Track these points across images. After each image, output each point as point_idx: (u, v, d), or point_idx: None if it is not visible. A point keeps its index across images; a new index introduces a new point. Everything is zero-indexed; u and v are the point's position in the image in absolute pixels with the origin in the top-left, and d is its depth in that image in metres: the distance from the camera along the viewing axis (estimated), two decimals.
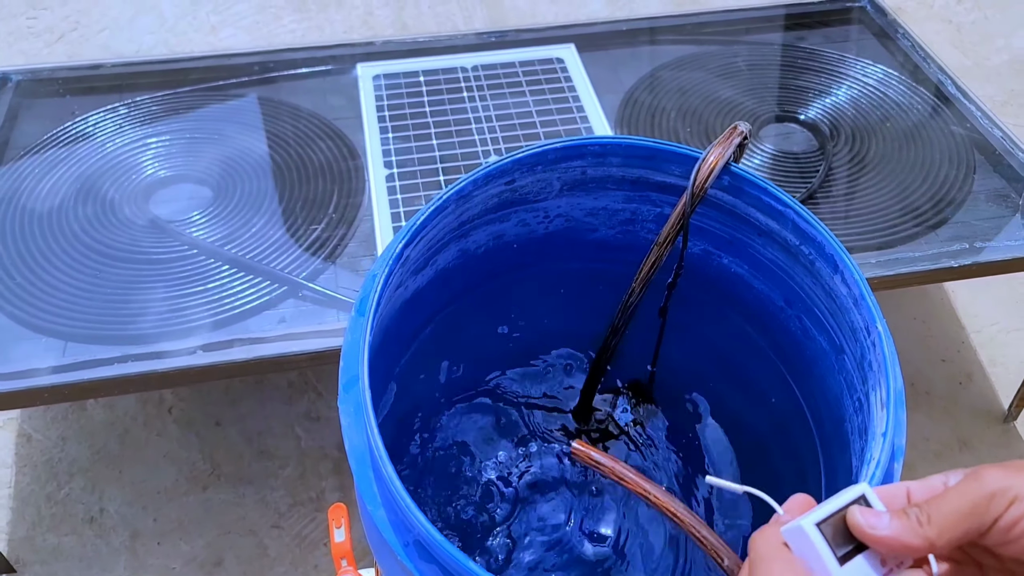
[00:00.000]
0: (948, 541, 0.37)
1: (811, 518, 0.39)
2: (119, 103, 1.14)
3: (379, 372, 0.61)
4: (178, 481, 1.07)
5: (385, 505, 0.48)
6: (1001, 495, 0.36)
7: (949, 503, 0.36)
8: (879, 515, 0.38)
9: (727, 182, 0.57)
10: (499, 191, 0.58)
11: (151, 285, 0.92)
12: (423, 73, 1.19)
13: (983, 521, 0.36)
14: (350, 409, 0.50)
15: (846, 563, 0.39)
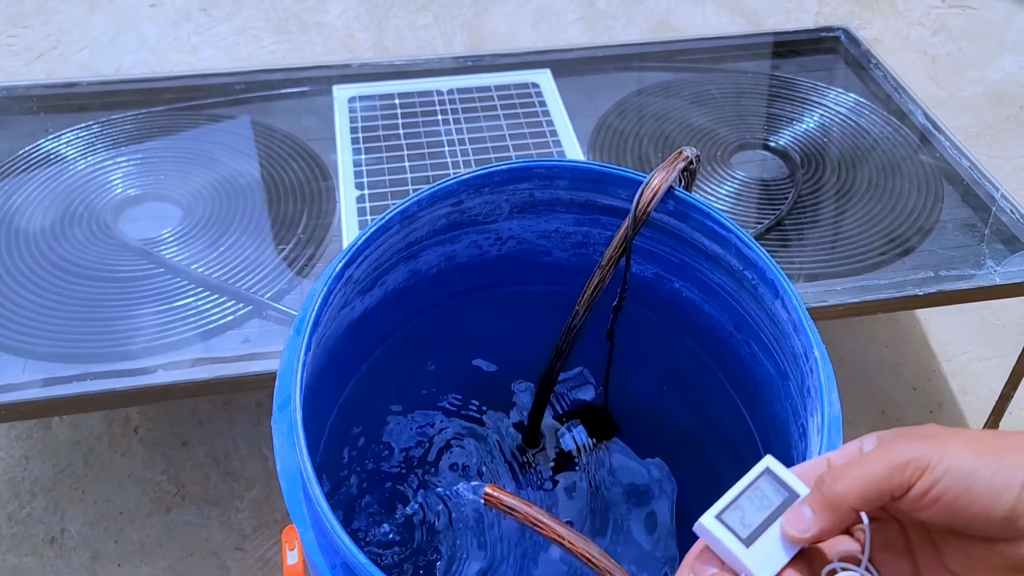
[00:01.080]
0: (861, 507, 0.38)
1: (713, 511, 0.40)
2: (93, 121, 1.14)
3: (325, 392, 0.61)
4: (142, 502, 1.06)
5: (314, 527, 0.47)
6: (915, 464, 0.37)
7: (864, 470, 0.38)
8: (803, 518, 0.39)
9: (672, 207, 0.57)
10: (447, 212, 0.58)
11: (114, 303, 0.92)
12: (398, 96, 1.19)
13: (895, 489, 0.37)
14: (283, 429, 0.49)
15: (754, 543, 0.39)
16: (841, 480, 0.38)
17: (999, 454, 0.37)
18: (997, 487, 0.36)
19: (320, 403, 0.59)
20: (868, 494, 0.38)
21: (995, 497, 0.36)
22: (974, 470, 0.36)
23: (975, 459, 0.36)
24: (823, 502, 0.39)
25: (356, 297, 0.59)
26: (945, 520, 0.37)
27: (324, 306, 0.51)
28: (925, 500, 0.37)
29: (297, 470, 0.48)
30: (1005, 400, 1.07)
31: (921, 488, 0.37)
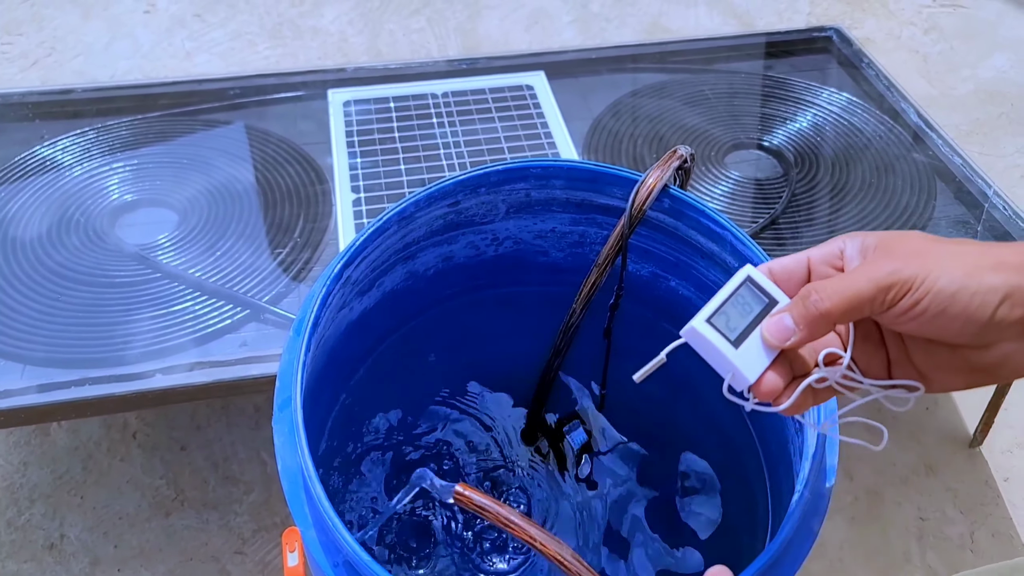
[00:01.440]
0: (843, 322, 0.41)
1: (702, 316, 0.43)
2: (89, 128, 1.14)
3: (325, 393, 0.61)
4: (141, 507, 1.06)
5: (316, 526, 0.47)
6: (899, 286, 0.39)
7: (849, 288, 0.40)
8: (784, 328, 0.41)
9: (668, 205, 0.57)
10: (444, 213, 0.59)
11: (112, 309, 0.92)
12: (393, 99, 1.20)
13: (878, 308, 0.40)
14: (284, 429, 0.50)
15: (742, 344, 0.42)
16: (828, 299, 0.40)
17: (979, 274, 0.38)
18: (973, 307, 0.38)
19: (320, 404, 0.60)
20: (851, 312, 0.40)
21: (970, 316, 0.38)
22: (955, 292, 0.38)
23: (957, 281, 0.38)
24: (806, 317, 0.41)
25: (354, 298, 0.59)
26: (920, 332, 0.40)
27: (323, 307, 0.51)
28: (905, 317, 0.39)
29: (298, 469, 0.48)
30: (1000, 396, 1.08)
31: (902, 307, 0.39)
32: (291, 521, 0.48)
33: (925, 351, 0.41)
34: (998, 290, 0.38)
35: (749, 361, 0.42)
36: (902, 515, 1.08)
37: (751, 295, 0.44)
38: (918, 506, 1.08)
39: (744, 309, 0.43)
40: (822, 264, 0.44)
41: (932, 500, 1.09)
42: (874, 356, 0.43)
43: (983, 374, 0.40)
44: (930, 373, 0.42)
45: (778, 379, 0.42)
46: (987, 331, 0.39)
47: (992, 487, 1.10)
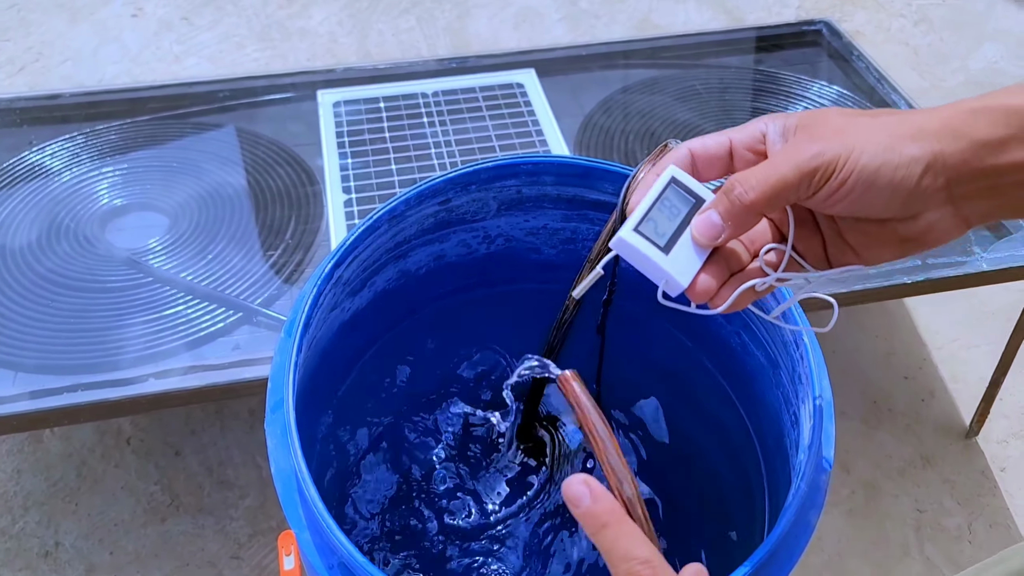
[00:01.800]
0: (769, 212, 0.41)
1: (629, 224, 0.42)
2: (77, 132, 1.14)
3: (318, 395, 0.61)
4: (136, 513, 1.05)
5: (311, 528, 0.47)
6: (823, 170, 0.39)
7: (772, 176, 0.39)
8: (713, 225, 0.41)
9: None
10: (434, 211, 0.58)
11: (103, 314, 0.92)
12: (383, 99, 1.19)
13: (803, 193, 0.39)
14: (277, 431, 0.49)
15: (672, 248, 0.42)
16: (753, 190, 0.39)
17: (900, 146, 0.38)
18: (897, 181, 0.38)
19: (313, 406, 0.59)
20: (777, 201, 0.40)
21: (895, 190, 0.38)
22: (878, 168, 0.38)
23: (879, 156, 0.38)
24: (731, 211, 0.41)
25: (346, 298, 0.59)
26: (848, 211, 0.40)
27: (314, 307, 0.51)
28: (833, 199, 0.39)
29: (292, 472, 0.48)
30: (995, 386, 1.08)
31: (829, 190, 0.39)
32: (287, 524, 0.48)
33: (856, 228, 0.41)
34: (919, 160, 0.38)
35: (681, 265, 0.42)
36: (900, 507, 1.08)
37: (677, 197, 0.43)
38: (915, 498, 1.09)
39: (671, 212, 0.43)
40: (744, 148, 0.43)
41: (929, 492, 1.09)
42: (810, 240, 0.43)
43: (912, 244, 0.41)
44: (862, 249, 0.42)
45: (711, 280, 0.42)
46: (912, 202, 0.39)
47: (989, 477, 1.10)
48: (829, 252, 0.43)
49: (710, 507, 0.70)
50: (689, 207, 0.43)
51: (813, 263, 0.43)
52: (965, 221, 0.40)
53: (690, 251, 0.42)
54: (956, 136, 0.38)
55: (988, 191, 0.39)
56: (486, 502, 0.70)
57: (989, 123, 0.38)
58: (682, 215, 0.42)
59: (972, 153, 0.38)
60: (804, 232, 0.43)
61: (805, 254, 0.43)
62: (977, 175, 0.38)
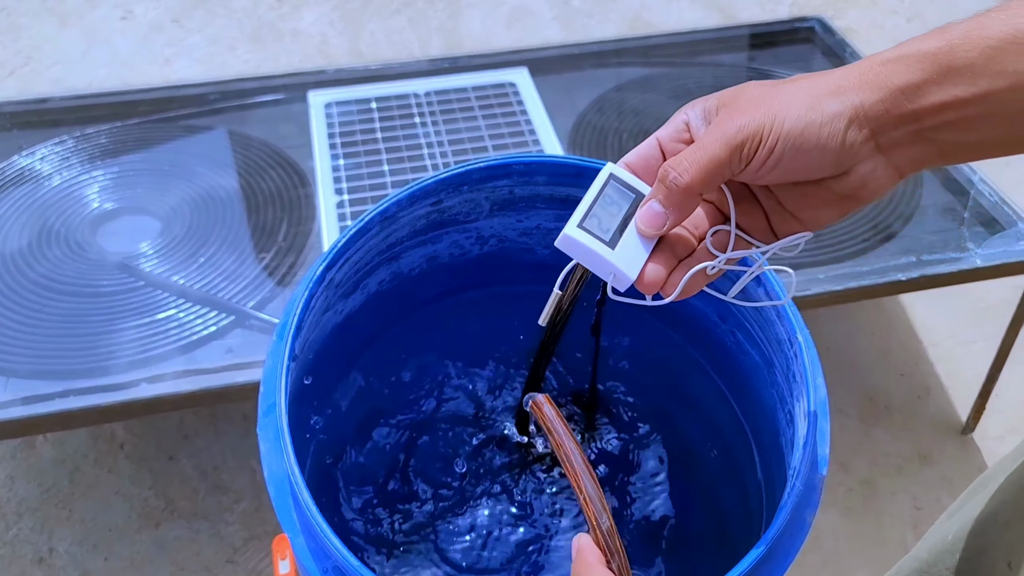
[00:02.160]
0: (707, 191, 0.41)
1: (573, 221, 0.43)
2: (67, 136, 1.13)
3: (311, 396, 0.60)
4: (130, 518, 1.04)
5: (304, 532, 0.47)
6: (750, 141, 0.39)
7: (703, 156, 0.39)
8: (656, 214, 0.42)
9: None
10: (426, 212, 0.58)
11: (95, 319, 0.91)
12: (375, 100, 1.19)
13: (735, 168, 0.40)
14: (269, 435, 0.49)
15: (618, 242, 0.42)
16: (687, 172, 0.40)
17: (821, 105, 0.38)
18: (823, 140, 0.38)
19: (306, 409, 0.59)
20: (712, 179, 0.40)
21: (823, 149, 0.38)
22: (803, 131, 0.38)
23: (802, 118, 0.38)
24: (670, 197, 0.41)
25: (338, 301, 0.58)
26: (782, 178, 0.40)
27: (306, 310, 0.50)
28: (764, 169, 0.39)
29: (285, 475, 0.47)
30: (991, 382, 1.08)
31: (760, 159, 0.39)
32: (282, 529, 0.48)
33: (793, 194, 0.42)
34: (842, 115, 0.38)
35: (628, 258, 0.42)
36: (897, 505, 1.07)
37: (617, 193, 0.43)
38: (913, 495, 1.08)
39: (613, 208, 0.43)
40: (672, 142, 0.44)
41: (927, 489, 1.09)
42: (752, 215, 0.44)
43: (850, 200, 0.41)
44: (803, 214, 0.42)
45: (660, 268, 0.43)
46: (842, 157, 0.39)
47: None
48: (773, 223, 0.43)
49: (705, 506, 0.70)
50: (630, 202, 0.43)
51: (759, 237, 0.44)
52: (897, 170, 0.40)
53: (636, 243, 0.42)
54: (874, 87, 0.38)
55: (913, 137, 0.39)
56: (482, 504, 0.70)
57: (904, 70, 0.38)
58: (624, 210, 0.43)
59: (892, 101, 0.38)
60: (744, 207, 0.44)
61: (750, 230, 0.44)
62: (899, 121, 0.38)
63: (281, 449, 0.46)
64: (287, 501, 0.47)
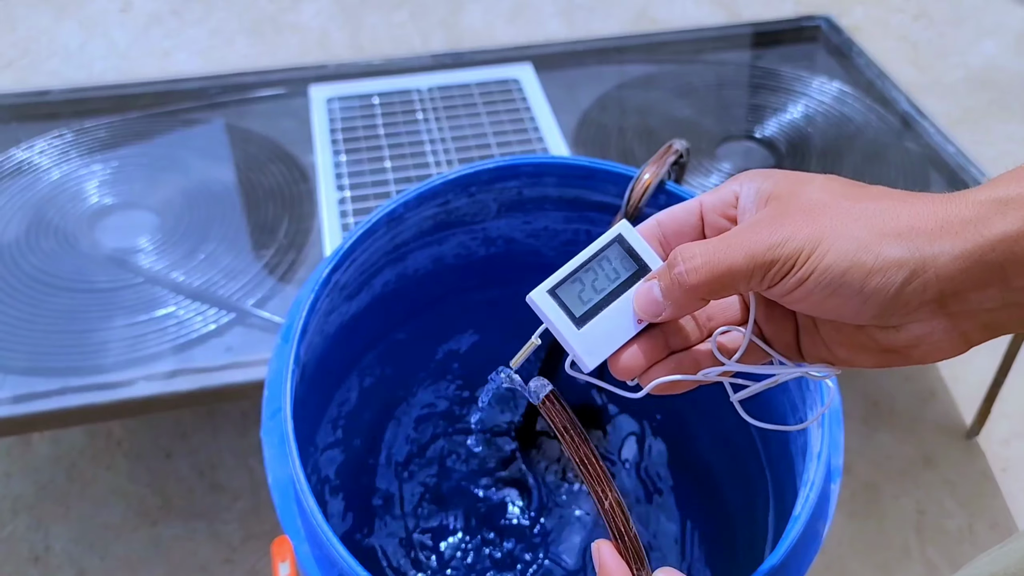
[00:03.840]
0: (715, 298, 0.35)
1: (547, 284, 0.38)
2: (66, 130, 1.12)
3: (315, 399, 0.59)
4: (127, 516, 1.03)
5: (309, 540, 0.45)
6: (782, 263, 0.32)
7: (722, 261, 0.33)
8: (652, 301, 0.36)
9: (664, 201, 0.55)
10: (434, 212, 0.57)
11: (92, 315, 0.90)
12: (377, 95, 1.17)
13: (755, 287, 0.34)
14: (274, 440, 0.48)
15: (589, 322, 0.36)
16: (696, 272, 0.34)
17: (878, 246, 0.31)
18: (868, 289, 0.31)
19: (310, 412, 0.58)
20: (723, 290, 0.34)
21: (867, 298, 0.32)
22: (845, 272, 0.31)
23: (848, 255, 0.31)
24: (671, 290, 0.35)
25: (343, 302, 0.57)
26: (811, 312, 0.34)
27: (312, 313, 0.49)
28: (790, 298, 0.33)
29: (290, 481, 0.46)
30: (996, 386, 1.07)
31: (782, 290, 0.33)
32: (280, 529, 0.47)
33: (830, 325, 0.35)
34: (903, 266, 0.31)
35: (594, 342, 0.36)
36: (900, 509, 1.07)
37: (618, 259, 0.37)
38: (916, 499, 1.08)
39: (608, 274, 0.37)
40: (715, 213, 0.37)
41: (930, 493, 1.08)
42: (781, 324, 0.37)
43: (895, 355, 0.34)
44: (837, 349, 0.36)
45: (640, 356, 0.36)
46: (891, 312, 0.32)
47: (990, 478, 1.09)
48: (802, 342, 0.37)
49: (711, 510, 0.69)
50: (629, 273, 0.37)
51: (782, 351, 0.37)
52: (964, 338, 0.33)
53: (617, 324, 0.36)
54: (958, 236, 0.30)
55: (998, 302, 0.31)
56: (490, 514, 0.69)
57: (1002, 216, 0.30)
58: (619, 280, 0.37)
59: (977, 258, 0.30)
60: (775, 313, 0.37)
61: (773, 340, 0.37)
62: (982, 284, 0.31)
63: (285, 454, 0.45)
64: (291, 507, 0.46)
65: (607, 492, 0.36)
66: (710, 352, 0.37)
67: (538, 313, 0.37)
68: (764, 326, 0.37)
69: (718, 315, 0.38)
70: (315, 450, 0.59)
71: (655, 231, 0.39)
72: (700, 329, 0.38)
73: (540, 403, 0.39)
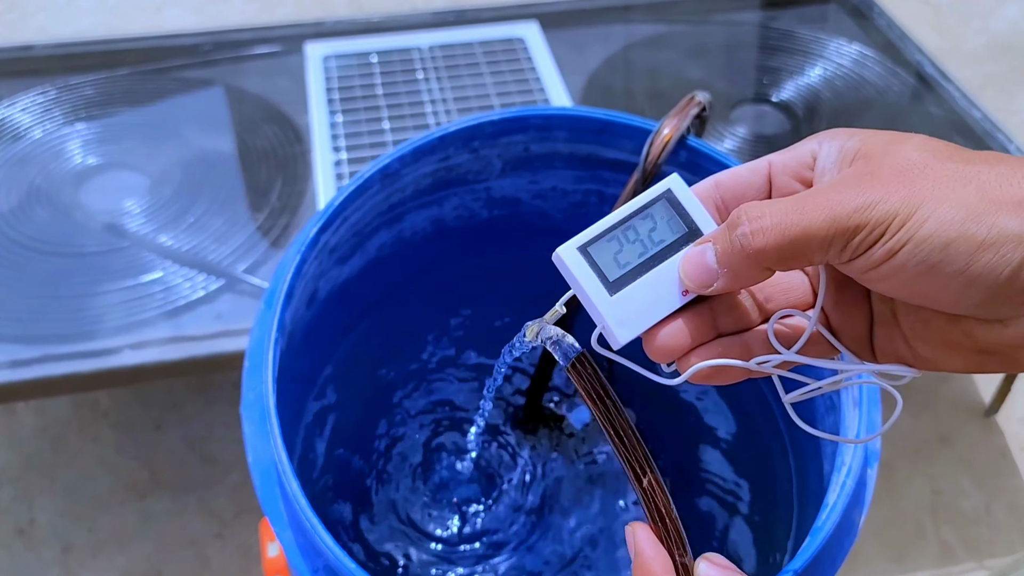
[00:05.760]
0: (783, 268, 0.29)
1: (579, 239, 0.32)
2: (51, 87, 1.07)
3: (302, 371, 0.55)
4: (114, 489, 1.00)
5: (293, 526, 0.42)
6: (870, 228, 0.26)
7: (797, 221, 0.27)
8: (704, 268, 0.30)
9: (684, 158, 0.51)
10: (433, 169, 0.52)
11: (78, 281, 0.86)
12: (376, 54, 1.12)
13: (834, 257, 0.28)
14: (255, 416, 0.44)
15: (624, 288, 0.31)
16: (763, 233, 0.28)
17: (991, 215, 0.25)
18: (976, 269, 0.26)
19: (296, 386, 0.53)
20: (794, 258, 0.28)
21: (973, 279, 0.26)
22: (950, 243, 0.26)
23: (955, 226, 0.25)
24: (730, 254, 0.29)
25: (334, 266, 0.53)
26: (896, 294, 0.28)
27: (298, 276, 0.45)
28: (875, 274, 0.27)
29: (272, 463, 0.42)
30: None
31: (867, 262, 0.27)
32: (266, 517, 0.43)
33: (916, 316, 0.30)
34: (1018, 244, 0.25)
35: (629, 312, 0.31)
36: (915, 488, 1.03)
37: (666, 217, 0.32)
38: (932, 479, 1.04)
39: (651, 236, 0.31)
40: (786, 175, 0.32)
41: (946, 472, 1.05)
42: (852, 312, 0.31)
43: (994, 358, 0.28)
44: (919, 346, 0.30)
45: (684, 335, 0.31)
46: (1001, 300, 0.26)
47: (1008, 458, 1.06)
48: (876, 336, 0.31)
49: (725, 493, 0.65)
50: (678, 235, 0.32)
51: (850, 345, 0.32)
52: None
53: (658, 294, 0.31)
54: None
55: None
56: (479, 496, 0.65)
57: None
58: (664, 243, 0.31)
59: None
60: (846, 298, 0.31)
61: (840, 331, 0.32)
62: None
63: (267, 432, 0.41)
64: (274, 491, 0.42)
65: (645, 469, 0.31)
66: (764, 339, 0.31)
67: (564, 273, 0.32)
68: (832, 313, 0.32)
69: (777, 296, 0.32)
70: (301, 427, 0.54)
71: (711, 192, 0.33)
72: (756, 309, 0.32)
73: (568, 367, 0.34)
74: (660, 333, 0.31)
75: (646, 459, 0.31)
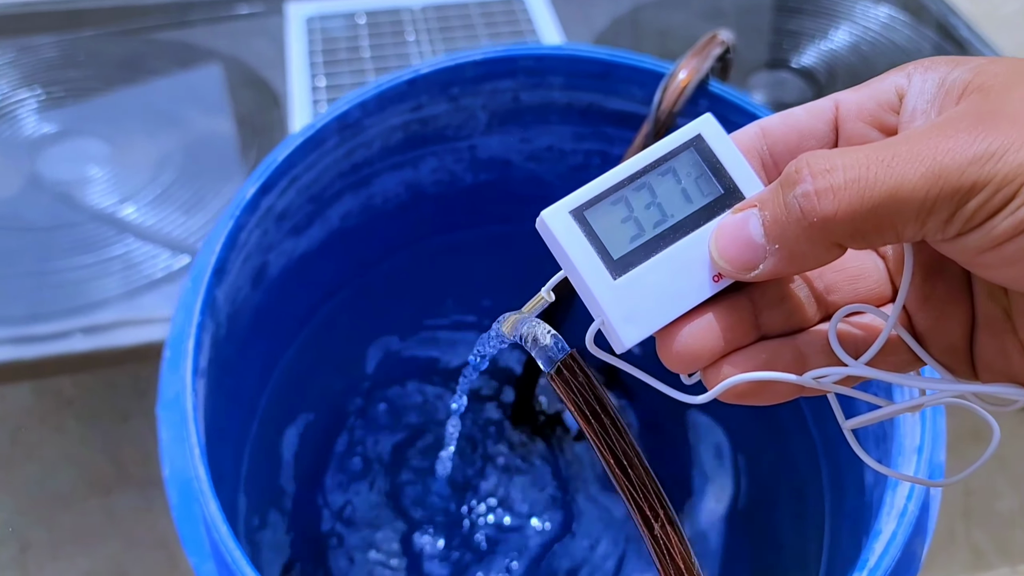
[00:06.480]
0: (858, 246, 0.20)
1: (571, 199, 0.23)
2: (10, 48, 0.99)
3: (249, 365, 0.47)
4: (77, 485, 0.93)
5: (215, 558, 0.33)
6: (986, 192, 0.18)
7: (885, 178, 0.19)
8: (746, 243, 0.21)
9: (706, 106, 0.42)
10: (403, 121, 0.44)
11: (29, 257, 0.80)
12: (364, 14, 1.04)
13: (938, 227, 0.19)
14: (174, 419, 0.36)
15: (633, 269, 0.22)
16: (830, 193, 0.19)
17: None
18: None
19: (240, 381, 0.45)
20: (876, 231, 0.20)
21: None
22: None
23: None
24: (785, 223, 0.20)
25: (287, 237, 0.45)
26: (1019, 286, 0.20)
27: (230, 247, 0.37)
28: (991, 255, 0.19)
29: (189, 480, 0.34)
30: None
31: (988, 236, 0.19)
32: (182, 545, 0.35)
33: None
34: None
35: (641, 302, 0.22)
36: (945, 489, 0.95)
37: (694, 172, 0.23)
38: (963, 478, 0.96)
39: (672, 197, 0.23)
40: (860, 120, 0.24)
41: (979, 471, 0.97)
42: (947, 310, 0.24)
43: None
44: None
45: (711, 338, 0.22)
46: None
47: None
48: (978, 344, 0.24)
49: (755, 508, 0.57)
50: (711, 198, 0.23)
51: (941, 356, 0.24)
52: None
53: (680, 279, 0.22)
54: None
55: None
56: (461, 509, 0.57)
57: None
58: (691, 208, 0.23)
59: None
60: (937, 292, 0.24)
61: (928, 336, 0.24)
62: None
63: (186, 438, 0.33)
64: (193, 512, 0.34)
65: (657, 510, 0.22)
66: (824, 343, 0.23)
67: (551, 247, 0.23)
68: (917, 312, 0.23)
69: (843, 285, 0.24)
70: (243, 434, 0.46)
71: (756, 142, 0.24)
72: (813, 303, 0.24)
73: (552, 373, 0.24)
74: (681, 333, 0.22)
75: (658, 497, 0.22)
